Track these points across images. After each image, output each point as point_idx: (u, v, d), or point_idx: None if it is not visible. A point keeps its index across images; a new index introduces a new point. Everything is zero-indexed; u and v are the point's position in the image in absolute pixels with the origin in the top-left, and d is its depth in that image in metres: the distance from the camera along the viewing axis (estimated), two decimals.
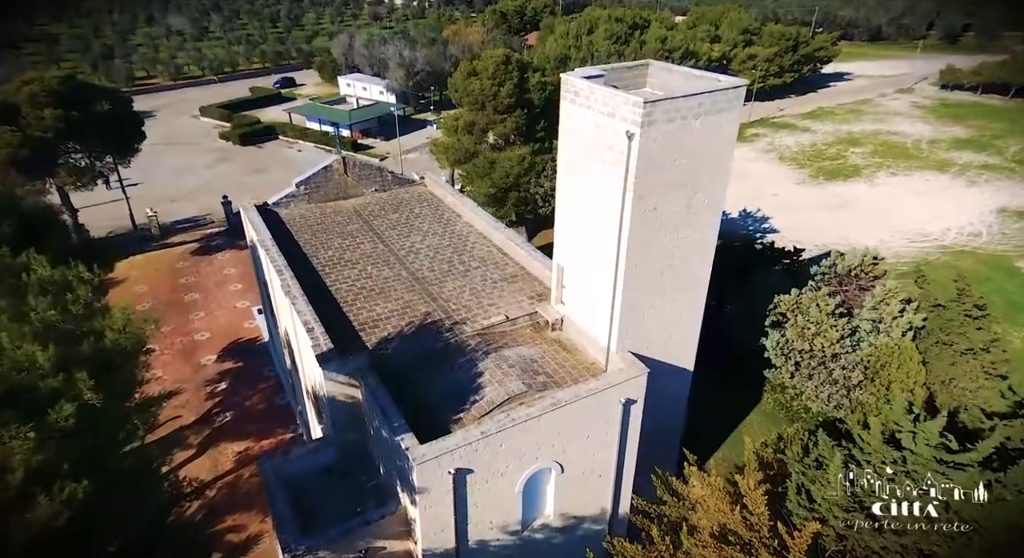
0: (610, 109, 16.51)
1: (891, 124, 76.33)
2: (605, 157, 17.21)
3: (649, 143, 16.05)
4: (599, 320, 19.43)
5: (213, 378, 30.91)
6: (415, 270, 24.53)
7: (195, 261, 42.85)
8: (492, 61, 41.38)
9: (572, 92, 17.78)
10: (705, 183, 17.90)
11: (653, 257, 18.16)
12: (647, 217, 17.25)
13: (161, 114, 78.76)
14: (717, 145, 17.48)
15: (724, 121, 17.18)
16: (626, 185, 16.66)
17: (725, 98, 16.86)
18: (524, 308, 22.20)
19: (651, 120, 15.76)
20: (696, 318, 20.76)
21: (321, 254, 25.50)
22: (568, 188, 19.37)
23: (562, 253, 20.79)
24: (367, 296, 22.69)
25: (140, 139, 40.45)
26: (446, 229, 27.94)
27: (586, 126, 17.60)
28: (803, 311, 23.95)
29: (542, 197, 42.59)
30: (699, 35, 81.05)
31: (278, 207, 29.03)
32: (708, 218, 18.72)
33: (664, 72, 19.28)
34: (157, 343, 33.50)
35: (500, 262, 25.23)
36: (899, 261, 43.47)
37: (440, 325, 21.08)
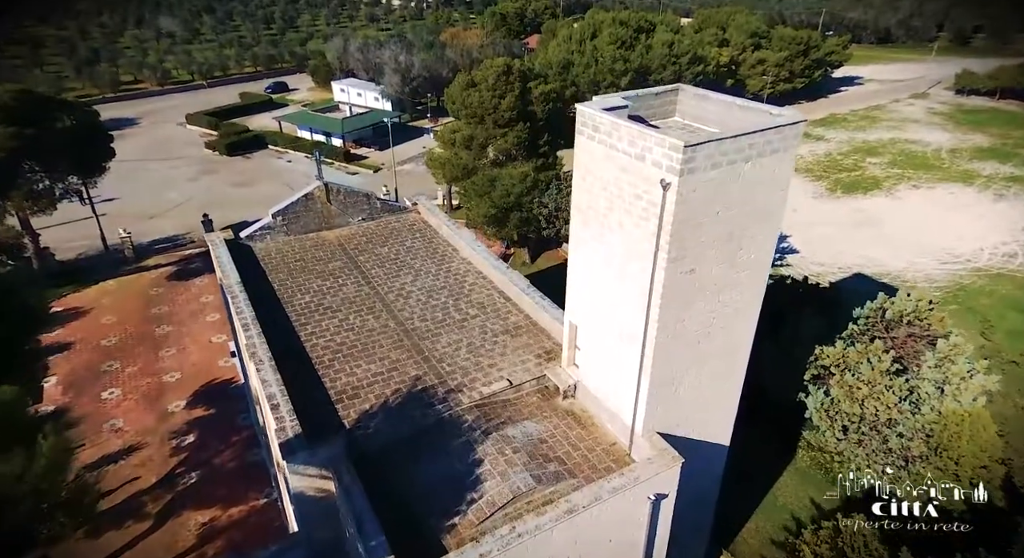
0: (639, 150, 13.35)
1: (908, 132, 73.22)
2: (632, 207, 14.04)
3: (688, 194, 12.89)
4: (621, 394, 16.28)
5: (180, 428, 27.70)
6: (404, 319, 21.35)
7: (170, 287, 39.63)
8: (492, 71, 38.27)
9: (591, 127, 14.60)
10: (753, 236, 14.74)
11: (689, 325, 15.00)
12: (683, 280, 14.09)
13: (145, 121, 75.55)
14: (769, 192, 14.32)
15: (778, 163, 14.02)
16: (658, 243, 13.50)
17: (780, 137, 13.71)
18: (530, 370, 19.03)
19: (692, 167, 12.60)
20: (737, 387, 17.64)
21: (297, 299, 22.31)
22: (583, 237, 16.19)
23: (576, 310, 17.62)
24: (348, 354, 19.51)
25: (108, 156, 37.18)
26: (441, 267, 24.76)
27: (608, 168, 14.43)
28: (851, 367, 20.80)
29: (546, 218, 39.45)
30: (706, 39, 77.82)
31: (252, 240, 25.86)
32: (755, 275, 15.56)
33: (698, 100, 16.11)
34: (120, 386, 30.40)
35: (502, 309, 22.04)
36: (932, 286, 40.32)
37: (432, 394, 17.90)
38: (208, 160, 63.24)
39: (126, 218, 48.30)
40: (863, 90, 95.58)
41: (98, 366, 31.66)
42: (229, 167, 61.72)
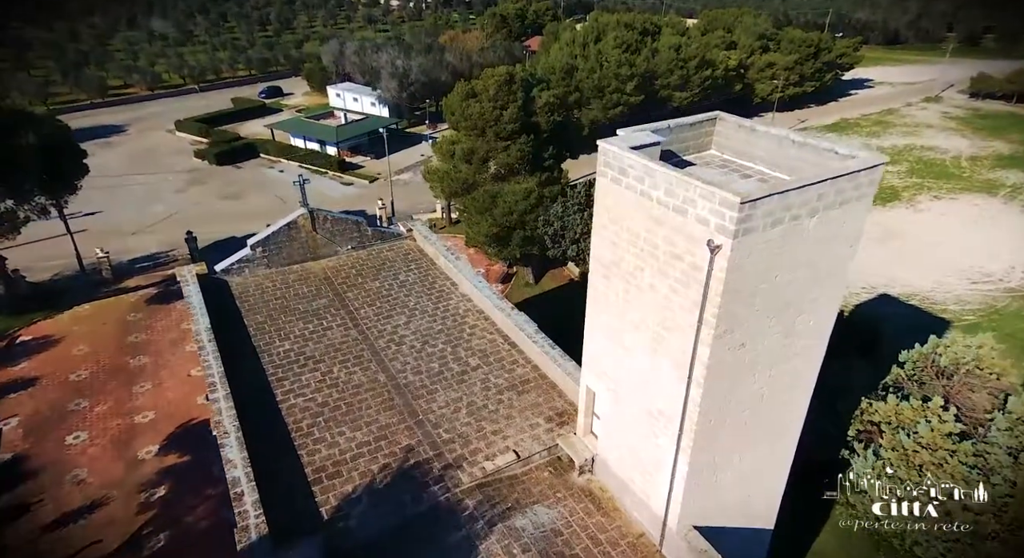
0: (679, 202, 10.80)
1: (924, 138, 70.63)
2: (668, 268, 11.49)
3: (742, 259, 10.34)
4: (650, 477, 13.74)
5: (150, 479, 25.04)
6: (396, 372, 18.80)
7: (150, 312, 36.96)
8: (493, 81, 35.65)
9: (616, 168, 12.03)
10: (814, 300, 12.18)
11: (736, 405, 12.45)
12: (731, 357, 11.54)
13: (133, 129, 72.88)
14: (835, 249, 11.77)
15: (850, 215, 11.48)
16: (702, 315, 10.94)
17: (854, 185, 11.15)
18: (540, 438, 16.49)
19: (748, 227, 10.04)
20: (785, 466, 15.13)
21: (276, 347, 19.77)
22: (605, 293, 13.63)
23: (594, 374, 15.05)
24: (330, 418, 16.97)
25: (80, 174, 34.55)
26: (438, 305, 22.21)
27: (639, 219, 11.87)
28: (906, 426, 18.24)
29: (551, 237, 36.85)
30: (713, 42, 75.20)
31: (229, 274, 23.32)
32: (813, 343, 13.01)
33: (741, 131, 13.53)
34: (88, 428, 27.80)
35: (506, 359, 19.48)
36: (963, 309, 37.78)
37: (426, 470, 15.36)
38: (197, 170, 60.60)
39: (107, 234, 45.76)
40: (874, 93, 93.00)
41: (65, 405, 29.03)
42: (219, 177, 59.08)
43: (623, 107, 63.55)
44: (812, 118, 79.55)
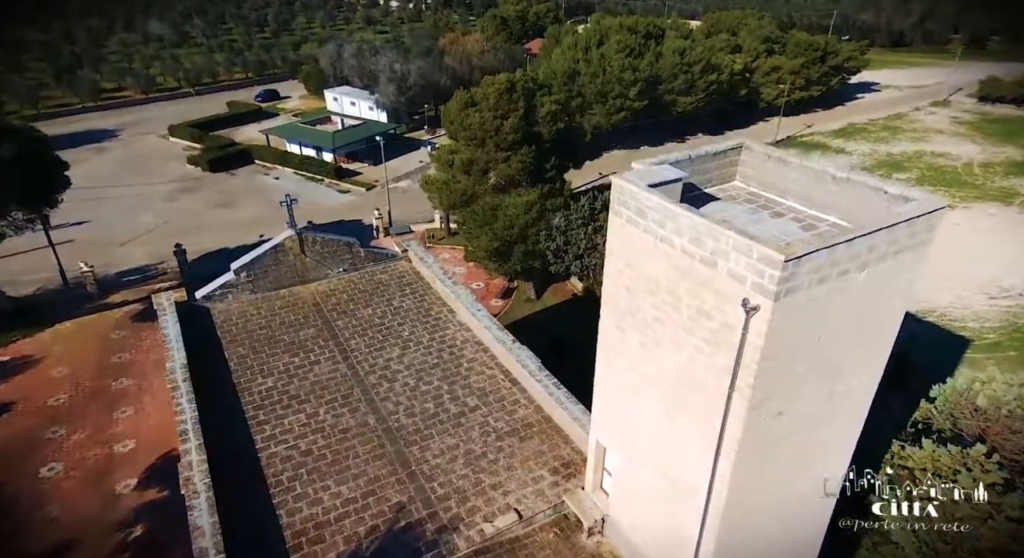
0: (708, 253, 9.30)
1: (933, 143, 69.07)
2: (694, 325, 9.99)
3: (784, 321, 8.83)
4: (670, 551, 12.23)
5: (127, 517, 23.60)
6: (388, 413, 17.30)
7: (134, 330, 35.51)
8: (493, 89, 34.15)
9: (633, 208, 10.54)
10: (860, 358, 10.69)
11: (770, 476, 10.96)
12: (766, 427, 10.04)
13: (126, 133, 71.36)
14: (886, 303, 10.27)
15: (903, 266, 9.97)
16: (735, 382, 9.44)
17: (911, 232, 9.65)
18: (544, 494, 14.98)
19: (792, 287, 8.54)
20: (822, 529, 13.60)
21: (257, 385, 18.26)
22: (616, 343, 12.14)
23: (604, 428, 13.56)
24: (314, 469, 15.47)
25: (61, 186, 33.03)
26: (434, 335, 20.70)
27: (659, 266, 10.38)
28: (943, 474, 16.73)
29: (554, 253, 35.35)
30: (718, 45, 73.58)
31: (211, 301, 21.80)
32: (856, 403, 11.52)
33: (771, 163, 12.03)
34: (63, 458, 26.40)
35: (507, 398, 17.97)
36: (983, 326, 36.27)
37: (419, 534, 13.85)
38: (189, 177, 59.09)
39: (95, 245, 44.27)
40: (881, 97, 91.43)
41: (41, 433, 27.60)
42: (212, 185, 57.58)
43: (626, 112, 62.03)
44: (819, 123, 78.01)
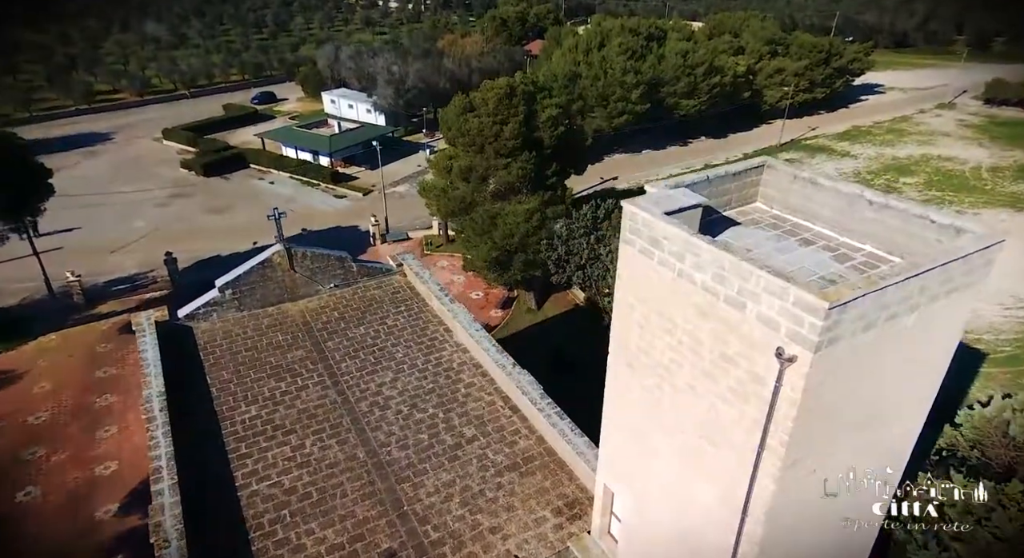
0: (734, 293, 8.17)
1: (940, 147, 67.98)
2: (717, 372, 8.86)
3: (825, 374, 7.70)
4: None
5: (107, 546, 22.39)
6: (379, 445, 16.17)
7: (121, 343, 34.26)
8: (493, 94, 33.06)
9: (647, 238, 9.40)
10: (901, 405, 9.56)
11: (802, 534, 9.82)
12: (799, 485, 8.90)
13: (120, 136, 70.23)
14: (935, 346, 9.14)
15: (955, 306, 8.82)
16: (765, 439, 8.31)
17: (966, 269, 8.51)
18: (547, 538, 13.85)
19: (834, 336, 7.41)
20: None
21: (240, 414, 17.13)
22: (626, 384, 11.00)
23: (611, 473, 12.43)
24: (297, 510, 14.32)
25: (43, 195, 31.91)
26: (429, 356, 19.57)
27: (676, 303, 9.25)
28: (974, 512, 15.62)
29: (555, 263, 34.24)
30: (720, 47, 72.47)
31: (195, 321, 20.68)
32: (898, 452, 10.38)
33: (798, 184, 10.91)
34: (41, 482, 25.19)
35: (507, 428, 16.84)
36: (998, 338, 35.18)
37: None
38: (183, 181, 57.97)
39: (84, 253, 43.18)
40: (885, 100, 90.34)
41: (19, 454, 26.39)
42: (206, 190, 56.48)
43: (628, 116, 60.93)
44: (824, 125, 76.96)
